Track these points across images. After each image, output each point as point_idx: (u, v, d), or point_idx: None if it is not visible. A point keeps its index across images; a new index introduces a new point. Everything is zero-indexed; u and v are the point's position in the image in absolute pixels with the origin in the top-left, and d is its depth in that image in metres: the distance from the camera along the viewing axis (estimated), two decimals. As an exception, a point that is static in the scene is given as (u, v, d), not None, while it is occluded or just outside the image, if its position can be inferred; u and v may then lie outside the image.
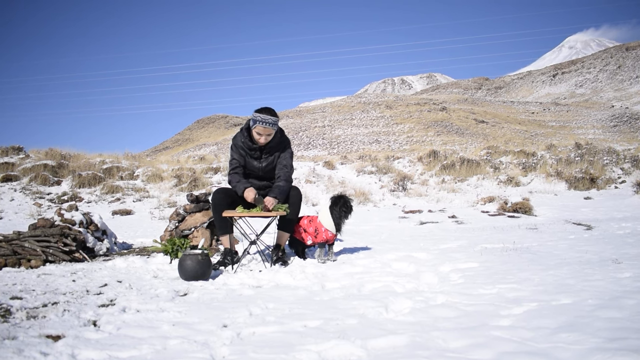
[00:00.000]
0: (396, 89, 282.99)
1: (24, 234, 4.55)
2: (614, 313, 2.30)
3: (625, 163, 16.03)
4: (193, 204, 5.40)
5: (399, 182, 14.25)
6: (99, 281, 3.68)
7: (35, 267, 4.15)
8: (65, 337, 2.29)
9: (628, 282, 2.92)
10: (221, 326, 2.48)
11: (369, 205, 12.00)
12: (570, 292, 2.75)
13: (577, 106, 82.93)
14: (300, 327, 2.45)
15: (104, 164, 14.57)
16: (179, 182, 13.62)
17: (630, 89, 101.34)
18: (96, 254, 5.01)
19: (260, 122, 4.29)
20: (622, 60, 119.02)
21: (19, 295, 3.10)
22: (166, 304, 2.95)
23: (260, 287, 3.53)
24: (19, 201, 11.38)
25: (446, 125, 60.41)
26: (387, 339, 2.16)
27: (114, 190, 12.69)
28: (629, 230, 5.81)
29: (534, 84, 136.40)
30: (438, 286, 3.31)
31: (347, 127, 62.64)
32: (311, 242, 4.57)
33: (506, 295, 2.83)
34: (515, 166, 16.36)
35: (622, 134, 56.74)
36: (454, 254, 4.47)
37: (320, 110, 78.40)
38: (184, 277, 3.75)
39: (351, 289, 3.32)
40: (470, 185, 14.18)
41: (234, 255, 4.41)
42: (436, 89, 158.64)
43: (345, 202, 4.58)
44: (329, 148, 51.60)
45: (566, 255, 4.12)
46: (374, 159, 20.28)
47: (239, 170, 4.49)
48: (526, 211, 9.32)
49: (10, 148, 15.49)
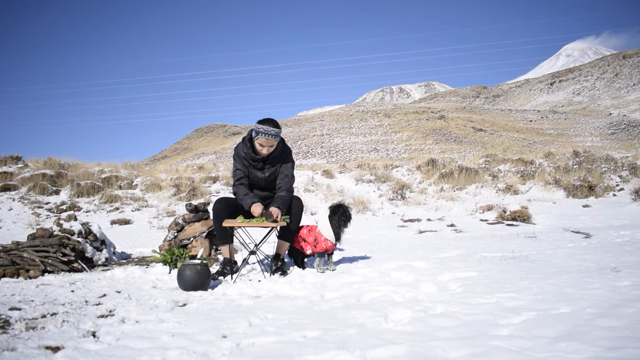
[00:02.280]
0: (394, 98, 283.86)
1: (22, 244, 4.54)
2: (613, 322, 2.31)
3: (623, 171, 16.07)
4: (192, 214, 5.40)
5: (397, 190, 14.26)
6: (98, 291, 3.67)
7: (34, 278, 4.14)
8: (64, 348, 2.28)
9: (627, 290, 2.93)
10: (220, 337, 2.48)
11: (367, 214, 12.00)
12: (569, 301, 2.75)
13: (575, 114, 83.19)
14: (300, 337, 2.44)
15: (102, 173, 14.57)
16: (177, 192, 13.62)
17: (627, 97, 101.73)
18: (95, 264, 5.00)
19: (262, 134, 4.30)
20: (620, 68, 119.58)
21: (17, 306, 3.09)
22: (165, 315, 2.94)
23: (260, 297, 3.53)
24: (18, 211, 11.36)
25: (444, 133, 60.56)
26: (387, 348, 2.16)
27: (112, 199, 12.68)
28: (628, 238, 5.82)
29: (531, 92, 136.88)
30: (437, 295, 3.31)
31: (345, 136, 62.76)
32: (310, 252, 4.57)
33: (505, 304, 2.83)
34: (513, 174, 16.39)
35: (620, 142, 56.92)
36: (453, 263, 4.47)
37: (319, 119, 78.59)
38: (183, 287, 3.75)
39: (350, 298, 3.32)
40: (468, 194, 14.20)
41: (233, 265, 4.40)
42: (434, 98, 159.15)
43: (345, 211, 4.58)
44: (328, 157, 51.66)
45: (565, 263, 4.13)
46: (372, 167, 20.31)
47: (244, 182, 4.48)
48: (525, 219, 9.33)
49: (8, 157, 15.48)
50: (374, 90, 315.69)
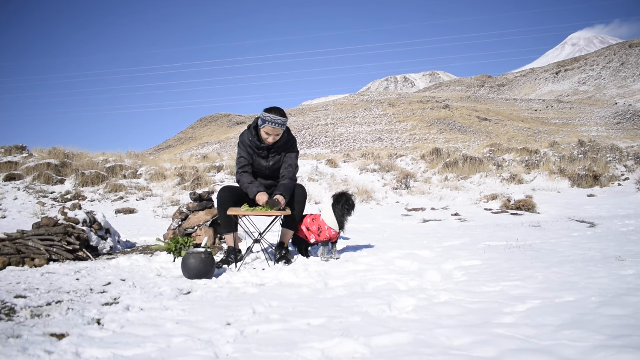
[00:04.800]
0: (399, 87, 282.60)
1: (27, 233, 4.56)
2: (618, 310, 2.30)
3: (628, 160, 15.97)
4: (196, 203, 5.40)
5: (402, 180, 14.23)
6: (103, 280, 3.69)
7: (39, 266, 4.16)
8: (69, 335, 2.30)
9: (632, 279, 2.91)
10: (225, 324, 2.49)
11: (372, 203, 11.99)
12: (574, 290, 2.74)
13: (581, 104, 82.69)
14: (304, 325, 2.45)
15: (107, 163, 14.60)
16: (182, 181, 13.64)
17: (633, 86, 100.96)
18: (100, 252, 5.02)
19: (269, 122, 4.29)
20: (626, 58, 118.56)
21: (23, 294, 3.11)
22: (170, 303, 2.95)
23: (264, 286, 3.53)
24: (23, 200, 11.41)
25: (449, 123, 60.31)
26: (391, 336, 2.16)
27: (117, 189, 12.72)
28: (633, 228, 5.79)
29: (537, 81, 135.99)
30: (441, 284, 3.31)
31: (350, 125, 62.62)
32: (314, 241, 4.57)
33: (510, 292, 2.83)
34: (518, 164, 16.32)
35: (626, 132, 56.58)
36: (457, 252, 4.47)
37: (323, 108, 78.41)
38: (188, 275, 3.76)
39: (354, 287, 3.32)
40: (473, 183, 14.15)
41: (237, 253, 4.41)
42: (439, 87, 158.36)
43: (348, 200, 4.57)
44: (332, 146, 51.59)
45: (570, 252, 4.11)
46: (377, 157, 20.27)
47: (248, 169, 4.48)
48: (529, 209, 9.30)
49: (13, 147, 15.53)
50: (379, 80, 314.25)
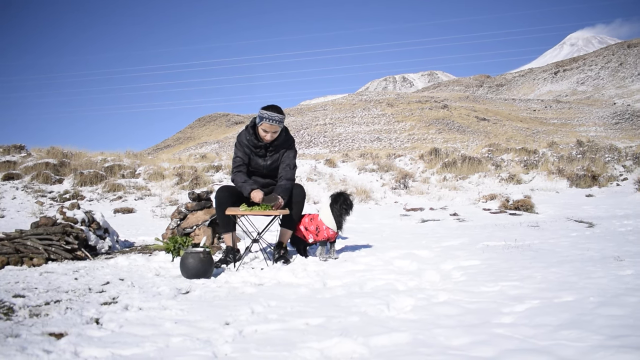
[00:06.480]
0: (397, 87, 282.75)
1: (26, 232, 4.55)
2: (616, 310, 2.30)
3: (627, 160, 16.00)
4: (195, 202, 5.40)
5: (400, 180, 14.24)
6: (101, 279, 3.68)
7: (37, 265, 4.16)
8: (68, 334, 2.29)
9: (630, 279, 2.92)
10: (223, 324, 2.49)
11: (370, 203, 12.00)
12: (572, 290, 2.74)
13: (579, 104, 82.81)
14: (302, 324, 2.45)
15: (105, 162, 14.58)
16: (180, 181, 13.63)
17: (632, 86, 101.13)
18: (98, 252, 5.02)
19: (267, 120, 4.29)
20: (624, 58, 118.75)
21: (21, 293, 3.10)
22: (168, 302, 2.95)
23: (262, 285, 3.53)
24: (21, 200, 11.39)
25: (447, 123, 60.36)
26: (389, 336, 2.17)
27: (115, 188, 12.70)
28: (631, 228, 5.80)
29: (535, 81, 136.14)
30: (440, 284, 3.31)
31: (348, 125, 62.63)
32: (312, 240, 4.57)
33: (508, 292, 2.83)
34: (516, 164, 16.34)
35: (624, 132, 56.69)
36: (455, 252, 4.47)
37: (322, 108, 78.40)
38: (186, 275, 3.76)
39: (353, 286, 3.32)
40: (471, 183, 14.17)
41: (236, 253, 4.41)
42: (437, 87, 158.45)
43: (346, 200, 4.57)
44: (330, 146, 51.60)
45: (568, 252, 4.11)
46: (375, 157, 20.27)
47: (242, 169, 4.48)
48: (528, 209, 9.31)
49: (11, 146, 15.50)
50: (377, 80, 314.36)
